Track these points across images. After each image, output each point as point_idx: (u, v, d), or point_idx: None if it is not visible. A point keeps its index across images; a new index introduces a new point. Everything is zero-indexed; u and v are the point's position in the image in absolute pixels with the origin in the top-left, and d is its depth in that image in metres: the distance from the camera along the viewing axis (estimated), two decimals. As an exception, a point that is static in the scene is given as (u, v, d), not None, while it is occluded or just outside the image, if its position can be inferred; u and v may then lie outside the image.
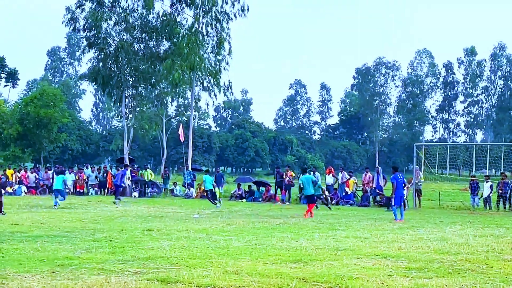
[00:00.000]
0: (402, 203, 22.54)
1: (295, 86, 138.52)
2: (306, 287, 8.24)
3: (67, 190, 31.25)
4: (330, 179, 34.85)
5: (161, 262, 10.39)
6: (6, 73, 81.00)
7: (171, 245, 12.93)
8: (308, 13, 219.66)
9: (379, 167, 36.84)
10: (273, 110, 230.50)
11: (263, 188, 37.15)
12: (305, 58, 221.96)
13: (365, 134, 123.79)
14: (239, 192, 37.35)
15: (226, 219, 21.55)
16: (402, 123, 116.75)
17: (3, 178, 34.79)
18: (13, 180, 39.92)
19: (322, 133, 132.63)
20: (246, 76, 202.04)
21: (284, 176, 34.85)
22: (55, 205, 26.11)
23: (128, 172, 35.65)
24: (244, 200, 36.20)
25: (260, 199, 35.99)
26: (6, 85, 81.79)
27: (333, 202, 30.89)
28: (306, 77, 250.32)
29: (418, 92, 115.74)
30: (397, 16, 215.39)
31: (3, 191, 23.58)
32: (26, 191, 38.18)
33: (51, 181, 37.22)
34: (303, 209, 24.81)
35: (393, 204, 22.23)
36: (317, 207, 26.00)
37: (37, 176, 40.47)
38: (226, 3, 42.65)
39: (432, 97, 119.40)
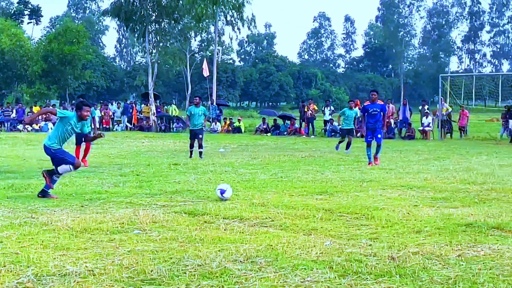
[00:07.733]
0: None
1: (319, 19, 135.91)
2: (332, 218, 8.28)
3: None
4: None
5: (188, 196, 10.49)
6: (29, 10, 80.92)
7: (197, 179, 13.06)
8: None
9: (405, 99, 36.62)
10: (297, 43, 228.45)
11: (288, 122, 37.16)
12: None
13: (390, 66, 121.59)
14: (264, 126, 37.35)
15: (251, 153, 21.66)
16: (427, 54, 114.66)
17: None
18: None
19: (346, 66, 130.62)
20: (269, 9, 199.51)
21: (306, 110, 34.80)
22: None
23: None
24: (269, 134, 36.26)
25: (285, 133, 36.02)
26: (29, 22, 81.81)
27: (358, 134, 30.57)
28: (330, 10, 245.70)
29: (443, 22, 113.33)
30: None
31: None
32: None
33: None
34: (329, 142, 24.80)
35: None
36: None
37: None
38: None
39: (457, 27, 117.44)
